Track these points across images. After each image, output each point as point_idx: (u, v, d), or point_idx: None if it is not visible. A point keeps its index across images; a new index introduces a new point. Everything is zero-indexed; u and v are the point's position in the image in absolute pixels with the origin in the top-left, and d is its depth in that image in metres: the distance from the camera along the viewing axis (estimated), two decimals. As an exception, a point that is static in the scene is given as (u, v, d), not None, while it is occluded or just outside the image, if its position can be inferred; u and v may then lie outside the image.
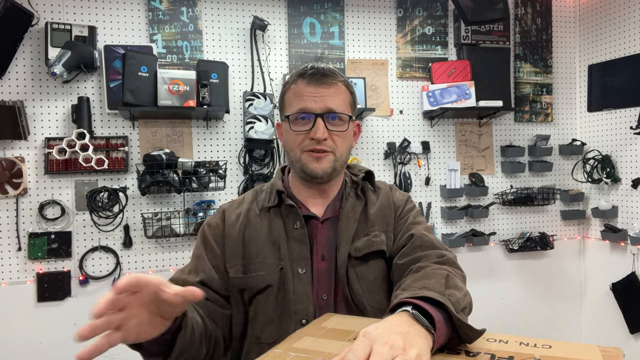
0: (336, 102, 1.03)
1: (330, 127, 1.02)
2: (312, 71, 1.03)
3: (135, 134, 2.47)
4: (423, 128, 2.90)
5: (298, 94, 1.03)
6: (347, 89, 1.07)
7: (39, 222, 2.35)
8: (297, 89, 1.04)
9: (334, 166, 1.04)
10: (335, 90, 1.03)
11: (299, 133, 1.03)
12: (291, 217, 1.06)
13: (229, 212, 1.11)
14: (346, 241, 1.05)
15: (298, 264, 1.03)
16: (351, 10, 2.78)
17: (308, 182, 1.07)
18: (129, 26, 2.46)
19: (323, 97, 1.02)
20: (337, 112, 1.02)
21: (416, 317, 0.69)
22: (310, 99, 1.01)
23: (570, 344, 0.71)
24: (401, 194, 1.17)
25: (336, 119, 1.03)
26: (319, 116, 1.01)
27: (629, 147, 2.79)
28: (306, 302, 1.01)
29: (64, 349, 2.35)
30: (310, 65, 1.06)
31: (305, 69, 1.05)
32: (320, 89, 1.02)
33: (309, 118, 1.01)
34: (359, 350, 0.61)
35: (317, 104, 1.01)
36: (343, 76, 1.07)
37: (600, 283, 2.96)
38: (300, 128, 1.03)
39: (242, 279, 1.03)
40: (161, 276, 0.73)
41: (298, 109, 1.02)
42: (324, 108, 1.01)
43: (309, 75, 1.03)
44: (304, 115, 1.02)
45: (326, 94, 1.02)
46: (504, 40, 2.98)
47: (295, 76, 1.05)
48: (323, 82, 1.02)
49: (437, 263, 0.95)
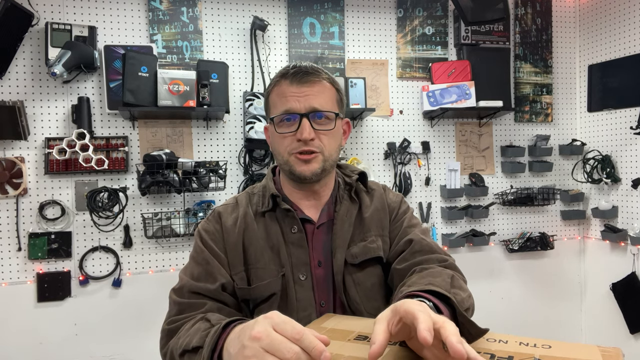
0: (321, 101, 0.99)
1: (317, 126, 0.99)
2: (294, 70, 1.00)
3: (135, 134, 2.47)
4: (423, 128, 2.90)
5: (282, 95, 1.00)
6: (332, 86, 1.03)
7: (39, 222, 2.35)
8: (280, 90, 1.00)
9: (323, 167, 1.01)
10: (319, 89, 1.00)
11: (285, 135, 1.00)
12: (287, 221, 1.04)
13: (225, 216, 1.07)
14: (342, 247, 1.03)
15: (299, 270, 1.01)
16: (351, 10, 2.78)
17: (298, 184, 1.05)
18: (129, 26, 2.46)
19: (307, 96, 0.98)
20: (323, 110, 0.99)
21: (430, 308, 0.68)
22: (293, 99, 0.98)
23: (570, 344, 0.71)
24: (395, 195, 1.16)
25: (322, 118, 1.00)
26: (303, 116, 0.98)
27: (629, 147, 2.79)
28: (309, 308, 1.00)
29: (64, 349, 2.35)
30: (292, 64, 1.02)
31: (287, 68, 1.01)
32: (304, 88, 0.99)
33: (294, 119, 0.98)
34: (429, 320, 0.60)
35: (301, 103, 0.98)
36: (327, 73, 1.04)
37: (600, 283, 2.96)
38: (285, 130, 1.00)
39: (246, 291, 1.01)
40: (161, 276, 0.72)
41: (282, 110, 0.99)
42: (308, 107, 0.98)
43: (292, 75, 0.99)
44: (289, 116, 0.99)
45: (310, 92, 0.99)
46: (504, 40, 2.98)
47: (278, 77, 1.02)
48: (306, 80, 0.99)
49: (440, 267, 0.96)
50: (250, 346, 0.61)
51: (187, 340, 0.82)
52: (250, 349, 0.61)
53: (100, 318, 2.41)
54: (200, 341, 0.77)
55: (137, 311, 2.44)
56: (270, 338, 0.60)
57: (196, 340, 0.79)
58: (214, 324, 0.79)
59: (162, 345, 0.93)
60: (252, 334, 0.62)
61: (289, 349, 0.59)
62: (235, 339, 0.69)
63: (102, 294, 2.43)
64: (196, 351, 0.78)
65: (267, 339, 0.60)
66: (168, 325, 0.93)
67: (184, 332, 0.87)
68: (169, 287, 1.02)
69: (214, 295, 0.97)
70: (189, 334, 0.84)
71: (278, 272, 1.01)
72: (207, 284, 0.98)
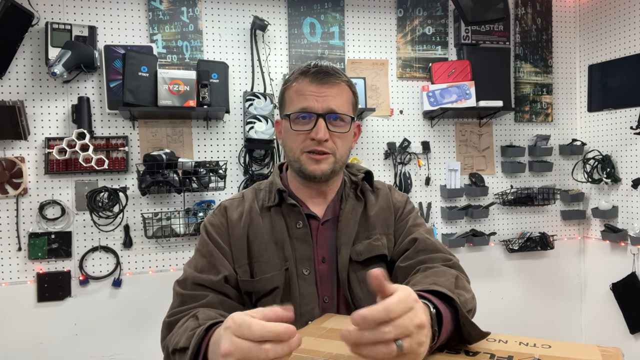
0: (338, 103, 1.00)
1: (332, 127, 0.99)
2: (315, 69, 1.00)
3: (136, 134, 2.47)
4: (423, 128, 2.90)
5: (300, 93, 1.00)
6: (349, 89, 1.04)
7: (39, 222, 2.35)
8: (299, 87, 1.01)
9: (333, 168, 1.02)
10: (338, 91, 1.01)
11: (299, 133, 1.00)
12: (293, 216, 1.05)
13: (230, 210, 1.08)
14: (347, 244, 1.04)
15: (302, 265, 1.02)
16: (351, 10, 2.78)
17: (306, 182, 1.06)
18: (129, 26, 2.46)
19: (325, 96, 0.99)
20: (339, 112, 1.00)
21: (432, 317, 0.67)
22: (312, 98, 0.98)
23: (569, 344, 0.71)
24: (400, 195, 1.16)
25: (337, 120, 1.00)
26: (320, 116, 0.98)
27: (629, 147, 2.79)
28: (312, 303, 1.00)
29: (64, 349, 2.35)
30: (313, 63, 1.02)
31: (309, 66, 1.01)
32: (323, 89, 0.99)
33: (311, 118, 0.99)
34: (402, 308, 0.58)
35: (319, 103, 0.98)
36: (346, 76, 1.05)
37: (600, 283, 2.96)
38: (301, 128, 1.00)
39: (249, 283, 1.01)
40: (161, 276, 0.73)
41: (300, 107, 0.99)
42: (326, 108, 0.98)
43: (312, 74, 0.99)
44: (305, 114, 0.99)
45: (329, 93, 0.99)
46: (504, 40, 2.98)
47: (298, 74, 1.02)
48: (326, 81, 0.99)
49: (444, 266, 0.96)
50: None
51: (177, 339, 0.83)
52: None
53: (100, 318, 2.41)
54: (186, 342, 0.78)
55: (137, 311, 2.44)
56: (239, 350, 0.60)
57: (183, 340, 0.80)
58: (201, 324, 0.80)
59: (162, 338, 0.94)
60: (221, 352, 0.61)
61: (261, 351, 0.59)
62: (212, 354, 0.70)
63: (102, 294, 2.43)
64: (184, 352, 0.78)
65: (237, 351, 0.60)
66: (169, 318, 0.94)
67: (176, 329, 0.88)
68: (169, 287, 1.03)
69: (217, 287, 0.98)
70: (179, 332, 0.85)
71: (282, 266, 1.01)
72: (210, 276, 0.98)
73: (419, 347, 0.59)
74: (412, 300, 0.60)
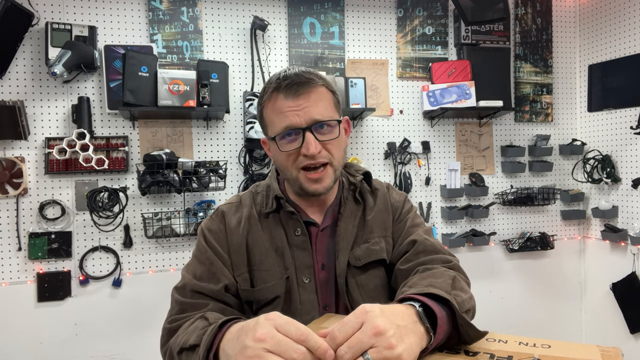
0: (321, 109, 0.94)
1: (321, 137, 0.94)
2: (287, 82, 0.94)
3: (136, 134, 2.47)
4: (423, 128, 2.90)
5: (278, 111, 0.94)
6: (327, 90, 0.98)
7: (39, 222, 2.35)
8: (276, 105, 0.95)
9: (334, 177, 0.99)
10: (316, 97, 0.94)
11: (290, 153, 0.95)
12: (291, 224, 1.03)
13: (228, 216, 1.05)
14: (345, 249, 1.02)
15: (302, 273, 1.01)
16: (351, 10, 2.78)
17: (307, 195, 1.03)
18: (129, 26, 2.46)
19: (304, 108, 0.93)
20: (324, 120, 0.94)
21: (420, 315, 0.69)
22: (292, 114, 0.93)
23: (569, 343, 0.71)
24: (398, 195, 1.15)
25: (324, 127, 0.95)
26: (306, 130, 0.93)
27: (629, 147, 2.79)
28: (313, 311, 0.99)
29: (64, 349, 2.35)
30: (282, 74, 0.96)
31: (279, 80, 0.95)
32: (300, 100, 0.93)
33: (297, 134, 0.94)
34: (348, 327, 0.63)
35: (300, 118, 0.92)
36: (320, 77, 0.98)
37: (600, 283, 2.96)
38: (290, 147, 0.95)
39: (250, 292, 1.00)
40: (161, 276, 0.73)
41: (282, 127, 0.94)
42: (309, 120, 0.93)
43: (285, 88, 0.93)
44: (291, 131, 0.94)
45: (307, 104, 0.93)
46: (504, 40, 2.98)
47: (271, 91, 0.96)
48: (301, 92, 0.93)
49: (443, 267, 0.96)
50: (253, 347, 0.62)
51: (185, 338, 0.82)
52: (253, 350, 0.61)
53: (100, 318, 2.41)
54: (197, 339, 0.78)
55: (137, 311, 2.44)
56: (275, 339, 0.61)
57: (193, 338, 0.79)
58: (212, 323, 0.79)
59: (162, 344, 0.93)
60: (255, 335, 0.62)
61: (295, 349, 0.60)
62: (233, 340, 0.68)
63: (102, 294, 2.43)
64: (193, 349, 0.78)
65: (272, 340, 0.61)
66: (169, 324, 0.93)
67: (182, 330, 0.87)
68: (169, 287, 1.03)
69: (217, 296, 0.97)
70: (187, 331, 0.84)
71: (282, 275, 1.00)
72: (210, 285, 0.97)
73: (390, 350, 0.61)
74: (361, 314, 0.64)
